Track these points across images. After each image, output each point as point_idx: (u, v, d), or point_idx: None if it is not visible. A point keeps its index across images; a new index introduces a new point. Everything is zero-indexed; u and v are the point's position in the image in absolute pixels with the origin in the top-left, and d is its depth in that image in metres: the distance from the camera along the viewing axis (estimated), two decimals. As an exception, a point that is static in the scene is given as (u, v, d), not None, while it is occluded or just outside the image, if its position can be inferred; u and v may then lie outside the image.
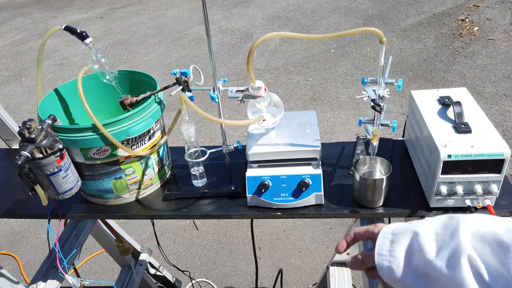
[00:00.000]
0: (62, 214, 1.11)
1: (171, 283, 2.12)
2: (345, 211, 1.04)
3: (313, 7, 5.71)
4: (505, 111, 3.26)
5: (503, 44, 4.16)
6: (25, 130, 0.88)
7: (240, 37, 5.13)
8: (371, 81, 0.95)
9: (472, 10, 4.93)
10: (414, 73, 3.92)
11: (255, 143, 1.05)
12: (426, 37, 4.51)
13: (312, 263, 2.33)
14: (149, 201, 1.14)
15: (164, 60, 4.79)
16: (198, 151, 1.08)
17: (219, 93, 1.01)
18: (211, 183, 1.15)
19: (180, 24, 5.80)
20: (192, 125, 1.03)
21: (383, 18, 5.08)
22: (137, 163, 1.08)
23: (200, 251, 2.48)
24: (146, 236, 2.60)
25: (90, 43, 1.01)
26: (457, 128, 0.96)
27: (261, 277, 2.28)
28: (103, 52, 5.09)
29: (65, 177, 0.95)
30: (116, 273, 2.33)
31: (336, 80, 3.98)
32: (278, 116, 1.05)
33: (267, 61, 4.47)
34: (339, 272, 1.63)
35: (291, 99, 3.77)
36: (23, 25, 6.51)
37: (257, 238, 2.53)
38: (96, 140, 0.96)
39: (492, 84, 3.59)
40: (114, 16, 6.42)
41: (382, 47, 0.86)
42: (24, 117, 4.03)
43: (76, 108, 1.20)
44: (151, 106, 1.04)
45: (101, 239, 1.68)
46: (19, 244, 2.66)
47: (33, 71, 4.97)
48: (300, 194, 1.02)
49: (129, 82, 1.22)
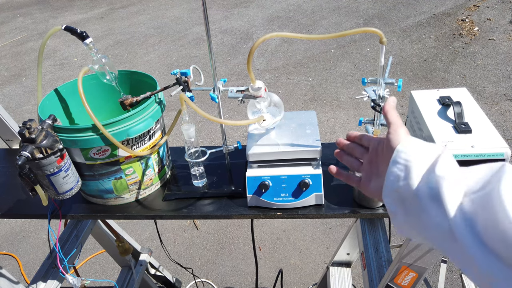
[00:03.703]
0: (62, 214, 1.11)
1: (171, 283, 2.12)
2: (345, 211, 1.04)
3: (313, 7, 5.71)
4: (505, 111, 3.26)
5: (503, 44, 4.16)
6: (25, 130, 0.88)
7: (240, 37, 5.13)
8: (371, 81, 0.95)
9: (472, 10, 4.93)
10: (414, 73, 3.92)
11: (255, 143, 1.05)
12: (426, 37, 4.52)
13: (312, 263, 2.33)
14: (149, 201, 1.14)
15: (164, 60, 4.79)
16: (198, 151, 1.08)
17: (219, 93, 1.01)
18: (211, 183, 1.15)
19: (180, 24, 5.80)
20: (192, 125, 1.03)
21: (383, 18, 5.08)
22: (137, 163, 1.08)
23: (200, 251, 2.48)
24: (146, 236, 2.61)
25: (90, 43, 1.01)
26: (457, 128, 0.96)
27: (261, 277, 2.28)
28: (103, 52, 5.09)
29: (65, 177, 0.95)
30: (116, 273, 2.34)
31: (336, 80, 3.98)
32: (278, 116, 1.05)
33: (267, 61, 4.47)
34: (339, 272, 1.63)
35: (291, 99, 3.77)
36: (23, 25, 6.51)
37: (257, 238, 2.53)
38: (96, 140, 0.96)
39: (492, 84, 3.60)
40: (114, 16, 6.42)
41: (382, 47, 0.86)
42: (24, 117, 4.03)
43: (76, 108, 1.20)
44: (151, 106, 1.04)
45: (101, 239, 1.68)
46: (19, 244, 2.66)
47: (33, 71, 4.97)
48: (300, 194, 1.02)
49: (129, 82, 1.22)
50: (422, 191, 0.51)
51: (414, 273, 1.02)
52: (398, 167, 0.55)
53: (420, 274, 1.02)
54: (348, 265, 1.64)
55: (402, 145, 0.57)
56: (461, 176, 0.49)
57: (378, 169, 0.64)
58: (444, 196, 0.48)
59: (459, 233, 0.46)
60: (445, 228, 0.48)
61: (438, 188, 0.49)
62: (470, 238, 0.45)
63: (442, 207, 0.48)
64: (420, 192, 0.51)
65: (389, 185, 0.56)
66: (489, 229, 0.44)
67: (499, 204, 0.42)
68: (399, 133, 0.59)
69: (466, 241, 0.45)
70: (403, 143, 0.57)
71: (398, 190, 0.55)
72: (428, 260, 0.99)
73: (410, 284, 1.05)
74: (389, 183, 0.56)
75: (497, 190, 0.43)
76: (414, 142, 0.57)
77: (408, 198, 0.53)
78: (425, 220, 0.51)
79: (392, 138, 0.59)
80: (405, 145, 0.57)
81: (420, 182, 0.52)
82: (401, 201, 0.55)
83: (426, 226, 0.51)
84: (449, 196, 0.48)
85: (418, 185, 0.52)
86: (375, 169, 0.65)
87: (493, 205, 0.43)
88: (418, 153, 0.54)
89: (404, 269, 1.02)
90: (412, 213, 0.53)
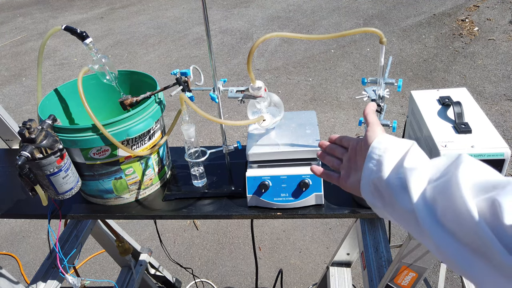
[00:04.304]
0: (62, 214, 1.11)
1: (171, 283, 2.12)
2: (345, 211, 1.04)
3: (313, 7, 5.71)
4: (505, 111, 3.26)
5: (503, 44, 4.16)
6: (25, 130, 0.88)
7: (240, 37, 5.13)
8: (371, 81, 0.95)
9: (472, 10, 4.93)
10: (414, 73, 3.92)
11: (255, 143, 1.05)
12: (426, 37, 4.52)
13: (312, 263, 2.33)
14: (149, 201, 1.14)
15: (164, 60, 4.79)
16: (198, 151, 1.08)
17: (219, 93, 1.01)
18: (211, 183, 1.15)
19: (180, 24, 5.80)
20: (192, 125, 1.03)
21: (383, 18, 5.08)
22: (137, 163, 1.08)
23: (200, 251, 2.48)
24: (146, 236, 2.61)
25: (90, 43, 1.01)
26: (457, 128, 0.96)
27: (261, 277, 2.28)
28: (103, 52, 5.09)
29: (65, 177, 0.95)
30: (116, 273, 2.34)
31: (336, 80, 3.98)
32: (278, 116, 1.05)
33: (267, 61, 4.47)
34: (339, 272, 1.63)
35: (291, 99, 3.77)
36: (23, 25, 6.51)
37: (257, 238, 2.53)
38: (96, 140, 0.96)
39: (492, 84, 3.60)
40: (114, 16, 6.42)
41: (382, 47, 0.86)
42: (24, 117, 4.03)
43: (76, 108, 1.20)
44: (151, 106, 1.04)
45: (101, 239, 1.68)
46: (19, 244, 2.66)
47: (33, 71, 4.97)
48: (300, 194, 1.02)
49: (129, 82, 1.22)
50: (393, 182, 0.57)
51: (414, 273, 1.03)
52: (372, 162, 0.61)
53: (420, 274, 1.02)
54: (348, 265, 1.64)
55: (376, 141, 0.62)
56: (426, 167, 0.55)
57: (357, 165, 0.69)
58: (410, 185, 0.53)
59: (420, 217, 0.51)
60: (411, 213, 0.53)
61: (405, 178, 0.55)
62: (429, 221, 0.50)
63: (408, 195, 0.53)
64: (391, 183, 0.57)
65: (365, 179, 0.62)
66: (447, 212, 0.48)
67: (457, 189, 0.47)
68: (375, 131, 0.65)
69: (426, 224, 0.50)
70: (377, 139, 0.63)
71: (374, 182, 0.60)
72: (428, 260, 0.99)
73: (410, 284, 1.05)
74: (365, 177, 0.62)
75: (455, 176, 0.48)
76: (387, 139, 0.62)
77: (382, 189, 0.59)
78: (397, 208, 0.56)
79: (369, 135, 0.65)
80: (379, 141, 0.62)
81: (391, 174, 0.57)
82: (377, 192, 0.60)
83: (399, 213, 0.57)
84: (414, 185, 0.53)
85: (389, 176, 0.57)
86: (353, 165, 0.70)
87: (451, 190, 0.48)
88: (390, 148, 0.60)
89: (404, 269, 1.02)
90: (388, 203, 0.59)
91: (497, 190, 0.44)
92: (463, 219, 0.45)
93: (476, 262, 0.45)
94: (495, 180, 0.46)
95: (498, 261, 0.43)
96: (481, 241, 0.44)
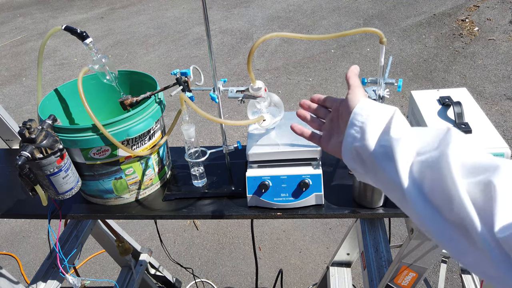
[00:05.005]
0: (62, 214, 1.11)
1: (171, 283, 2.12)
2: (345, 211, 1.04)
3: (313, 7, 5.71)
4: (505, 111, 3.26)
5: (503, 44, 4.16)
6: (25, 130, 0.88)
7: (240, 37, 5.13)
8: (371, 81, 0.95)
9: (472, 10, 4.93)
10: (414, 73, 3.92)
11: (255, 143, 1.05)
12: (426, 37, 4.52)
13: (312, 263, 2.33)
14: (149, 201, 1.14)
15: (164, 60, 4.79)
16: (198, 151, 1.08)
17: (219, 93, 1.01)
18: (211, 183, 1.15)
19: (180, 24, 5.80)
20: (192, 125, 1.03)
21: (383, 18, 5.09)
22: (137, 163, 1.08)
23: (200, 251, 2.48)
24: (146, 236, 2.61)
25: (90, 43, 1.01)
26: (457, 128, 0.96)
27: (261, 277, 2.28)
28: (103, 52, 5.09)
29: (65, 177, 0.95)
30: (116, 273, 2.34)
31: (336, 80, 3.98)
32: (278, 116, 1.05)
33: (267, 61, 4.47)
34: (339, 272, 1.63)
35: (291, 99, 3.77)
36: (23, 25, 6.51)
37: (257, 238, 2.53)
38: (96, 140, 0.96)
39: (492, 84, 3.60)
40: (114, 16, 6.42)
41: (382, 47, 0.86)
42: (24, 117, 4.03)
43: (76, 108, 1.20)
44: (151, 106, 1.04)
45: (101, 239, 1.68)
46: (19, 244, 2.66)
47: (33, 71, 4.97)
48: (300, 194, 1.02)
49: (129, 82, 1.22)
50: (377, 151, 0.56)
51: (414, 273, 1.03)
52: (355, 129, 0.60)
53: (420, 274, 1.03)
54: (348, 265, 1.64)
55: (358, 107, 0.61)
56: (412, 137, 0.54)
57: (339, 128, 0.68)
58: (397, 156, 0.53)
59: (407, 190, 0.51)
60: (397, 185, 0.53)
61: (391, 148, 0.54)
62: (416, 195, 0.50)
63: (395, 166, 0.53)
64: (375, 152, 0.56)
65: (347, 145, 0.61)
66: (435, 189, 0.49)
67: (446, 166, 0.47)
68: (357, 93, 0.65)
69: (412, 197, 0.51)
70: (359, 104, 0.62)
71: (356, 149, 0.60)
72: (428, 260, 0.99)
73: (410, 284, 1.05)
74: (347, 143, 0.61)
75: (445, 155, 0.48)
76: (369, 104, 0.61)
77: (365, 157, 0.59)
78: (381, 176, 0.56)
79: (350, 98, 0.64)
80: (361, 107, 0.61)
81: (374, 142, 0.57)
82: (359, 159, 0.60)
83: (383, 181, 0.57)
84: (401, 156, 0.53)
85: (373, 145, 0.57)
86: (336, 127, 0.70)
87: (440, 167, 0.48)
88: (372, 115, 0.59)
89: (404, 269, 1.02)
90: (370, 170, 0.59)
91: (489, 172, 0.45)
92: (451, 198, 0.46)
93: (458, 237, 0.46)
94: (486, 162, 0.47)
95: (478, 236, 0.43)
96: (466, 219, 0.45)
